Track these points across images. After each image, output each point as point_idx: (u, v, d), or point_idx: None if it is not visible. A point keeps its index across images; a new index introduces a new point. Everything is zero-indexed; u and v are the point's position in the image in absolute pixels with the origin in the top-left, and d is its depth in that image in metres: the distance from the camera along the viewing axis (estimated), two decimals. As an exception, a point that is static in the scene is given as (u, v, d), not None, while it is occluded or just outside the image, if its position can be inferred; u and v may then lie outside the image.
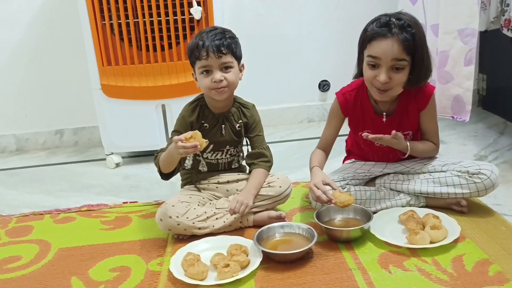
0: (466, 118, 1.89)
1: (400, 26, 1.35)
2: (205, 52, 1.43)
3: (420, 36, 1.38)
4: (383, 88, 1.41)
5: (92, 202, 1.81)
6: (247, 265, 1.29)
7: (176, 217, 1.42)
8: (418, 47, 1.36)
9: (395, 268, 1.25)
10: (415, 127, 1.55)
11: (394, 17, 1.37)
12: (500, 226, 1.42)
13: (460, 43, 1.82)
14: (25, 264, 1.41)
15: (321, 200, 1.39)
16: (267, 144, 1.61)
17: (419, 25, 1.40)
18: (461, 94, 1.87)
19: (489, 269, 1.22)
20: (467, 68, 1.84)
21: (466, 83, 1.86)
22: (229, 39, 1.47)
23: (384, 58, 1.37)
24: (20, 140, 2.55)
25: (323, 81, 2.66)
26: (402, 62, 1.37)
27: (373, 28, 1.39)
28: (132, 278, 1.29)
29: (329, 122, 1.60)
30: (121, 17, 1.97)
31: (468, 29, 1.80)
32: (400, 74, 1.39)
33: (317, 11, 2.55)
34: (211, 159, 1.58)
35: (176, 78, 2.06)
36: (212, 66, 1.45)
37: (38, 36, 2.41)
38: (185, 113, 1.54)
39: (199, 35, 1.47)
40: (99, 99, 2.10)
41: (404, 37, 1.34)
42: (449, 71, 1.88)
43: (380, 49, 1.37)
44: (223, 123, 1.55)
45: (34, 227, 1.63)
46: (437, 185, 1.51)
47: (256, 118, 1.60)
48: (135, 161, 2.27)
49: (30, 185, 2.07)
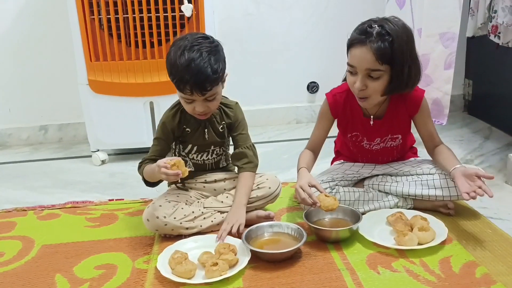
0: (443, 121, 1.91)
1: (378, 34, 1.31)
2: (188, 90, 1.34)
3: (401, 45, 1.32)
4: (360, 96, 1.41)
5: (77, 199, 1.78)
6: (235, 264, 1.28)
7: (163, 218, 1.40)
8: (396, 56, 1.32)
9: (384, 269, 1.25)
10: (405, 130, 1.56)
11: (378, 23, 1.34)
12: (486, 229, 1.44)
13: (440, 47, 1.85)
14: (7, 260, 1.38)
15: (306, 202, 1.39)
16: (251, 142, 1.58)
17: (404, 33, 1.34)
18: (440, 97, 1.90)
19: (476, 270, 1.23)
20: (446, 72, 1.87)
21: (445, 87, 1.89)
22: (215, 71, 1.34)
23: (358, 66, 1.36)
24: (3, 135, 2.50)
25: (311, 83, 2.67)
26: (376, 72, 1.34)
27: (353, 34, 1.37)
28: (118, 276, 1.27)
29: (318, 123, 1.59)
30: (111, 12, 1.95)
31: (449, 33, 1.82)
32: (377, 82, 1.36)
33: (307, 12, 2.56)
34: (197, 160, 1.56)
35: (165, 75, 2.02)
36: (195, 99, 1.38)
37: (24, 29, 2.37)
38: (166, 120, 1.48)
39: (179, 56, 1.33)
40: (86, 94, 2.07)
41: (378, 46, 1.30)
42: (429, 75, 1.90)
43: (355, 57, 1.36)
44: (206, 127, 1.50)
45: (17, 223, 1.60)
46: (425, 187, 1.52)
47: (239, 116, 1.55)
48: (122, 159, 2.24)
49: (13, 180, 2.02)
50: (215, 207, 1.51)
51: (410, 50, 1.35)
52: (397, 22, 1.36)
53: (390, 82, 1.37)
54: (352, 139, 1.58)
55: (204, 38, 1.39)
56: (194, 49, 1.34)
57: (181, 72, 1.33)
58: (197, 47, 1.35)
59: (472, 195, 1.29)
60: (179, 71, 1.34)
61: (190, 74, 1.32)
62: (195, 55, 1.33)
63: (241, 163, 1.53)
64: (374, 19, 1.38)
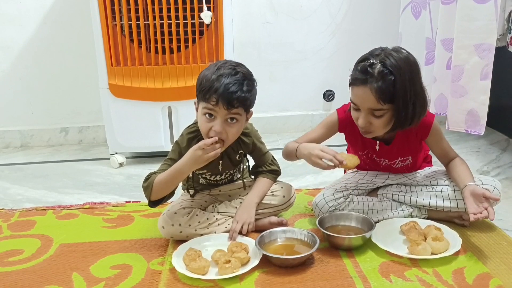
0: (480, 132, 1.88)
1: (380, 73, 1.28)
2: (215, 99, 1.30)
3: (403, 83, 1.28)
4: (363, 131, 1.40)
5: (95, 200, 1.82)
6: (247, 262, 1.31)
7: (178, 225, 1.42)
8: (399, 95, 1.28)
9: (396, 278, 1.25)
10: (415, 152, 1.55)
11: (380, 58, 1.30)
12: (501, 241, 1.43)
13: (476, 58, 1.83)
14: (26, 258, 1.41)
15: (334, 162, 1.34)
16: (271, 156, 1.58)
17: (406, 68, 1.29)
18: (476, 108, 1.87)
19: (490, 282, 1.22)
20: (482, 83, 1.84)
21: (481, 97, 1.86)
22: (246, 92, 1.33)
23: (361, 105, 1.35)
24: (25, 136, 2.56)
25: (328, 91, 2.68)
26: (379, 111, 1.32)
27: (354, 72, 1.34)
28: (133, 276, 1.30)
29: (319, 129, 1.56)
30: (132, 18, 1.99)
31: (485, 44, 1.80)
32: (381, 119, 1.34)
33: (325, 22, 2.58)
34: (210, 180, 1.56)
35: (183, 81, 2.07)
36: (218, 114, 1.33)
37: (47, 34, 2.43)
38: (182, 144, 1.44)
39: (215, 71, 1.33)
40: (106, 98, 2.11)
41: (379, 87, 1.27)
42: (463, 86, 1.88)
43: (356, 97, 1.34)
44: (221, 158, 1.47)
45: (37, 222, 1.64)
46: (439, 198, 1.51)
47: (256, 141, 1.52)
48: (139, 162, 2.28)
49: (34, 180, 2.07)
50: (229, 212, 1.52)
51: (413, 86, 1.31)
52: (399, 55, 1.31)
53: (394, 119, 1.34)
54: (363, 157, 1.58)
55: (242, 65, 1.39)
56: (231, 68, 1.34)
57: (211, 81, 1.31)
58: (234, 67, 1.35)
59: (475, 217, 1.29)
60: (210, 81, 1.31)
61: (220, 83, 1.30)
62: (231, 71, 1.33)
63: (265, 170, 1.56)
64: (376, 52, 1.33)
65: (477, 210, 1.31)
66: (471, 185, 1.39)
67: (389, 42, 2.53)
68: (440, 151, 1.53)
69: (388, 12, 2.54)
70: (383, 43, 2.56)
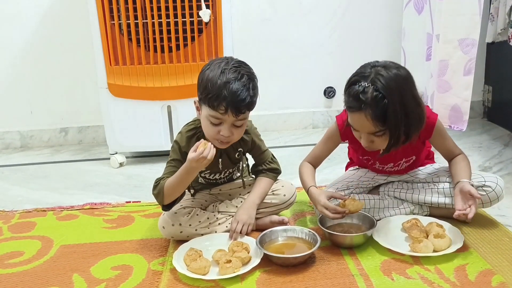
0: (463, 127, 1.89)
1: (372, 98, 1.25)
2: (223, 108, 1.29)
3: (395, 105, 1.25)
4: (368, 149, 1.40)
5: (95, 200, 1.81)
6: (248, 262, 1.30)
7: (179, 225, 1.42)
8: (391, 119, 1.26)
9: (398, 276, 1.25)
10: (418, 152, 1.54)
11: (371, 80, 1.26)
12: (503, 237, 1.42)
13: (459, 53, 1.83)
14: (27, 259, 1.41)
15: (338, 217, 1.39)
16: (271, 155, 1.58)
17: (398, 87, 1.27)
18: (459, 103, 1.88)
19: (492, 279, 1.21)
20: (466, 78, 1.85)
21: (464, 93, 1.86)
22: (252, 96, 1.33)
23: (361, 130, 1.34)
24: (25, 137, 2.56)
25: (328, 88, 2.67)
26: (379, 132, 1.31)
27: (347, 98, 1.31)
28: (133, 277, 1.29)
29: (324, 142, 1.57)
30: (130, 17, 1.98)
31: (468, 39, 1.81)
32: (382, 137, 1.33)
33: (325, 18, 2.56)
34: (209, 178, 1.55)
35: (182, 80, 2.07)
36: (225, 121, 1.33)
37: (46, 34, 2.43)
38: (181, 143, 1.43)
39: (219, 74, 1.30)
40: (105, 98, 2.11)
41: (374, 112, 1.26)
42: (448, 81, 1.88)
43: (354, 123, 1.34)
44: (221, 156, 1.47)
45: (37, 223, 1.64)
46: (441, 195, 1.50)
47: (255, 138, 1.52)
48: (139, 161, 2.27)
49: (34, 181, 2.07)
50: (230, 211, 1.52)
51: (404, 106, 1.28)
52: (389, 73, 1.27)
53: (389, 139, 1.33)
54: (364, 162, 1.57)
55: (243, 64, 1.38)
56: (235, 71, 1.32)
57: (218, 88, 1.28)
58: (237, 69, 1.33)
59: (457, 214, 1.32)
60: (217, 87, 1.29)
61: (228, 92, 1.28)
62: (237, 75, 1.31)
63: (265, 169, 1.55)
64: (366, 71, 1.29)
65: (462, 207, 1.33)
66: (462, 182, 1.39)
67: (391, 38, 2.55)
68: (444, 149, 1.53)
69: (390, 6, 2.52)
70: (385, 39, 2.58)
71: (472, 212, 1.32)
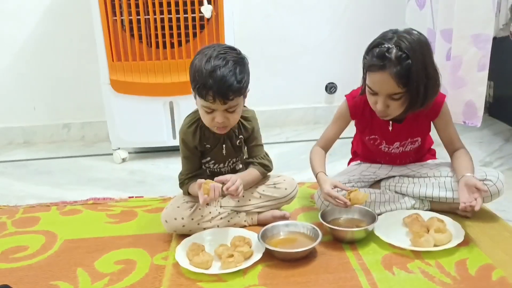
0: (477, 123, 1.88)
1: (397, 58, 1.28)
2: (211, 96, 1.31)
3: (417, 66, 1.29)
4: (381, 115, 1.41)
5: (98, 195, 1.82)
6: (250, 256, 1.31)
7: (181, 219, 1.43)
8: (413, 79, 1.29)
9: (399, 270, 1.26)
10: (424, 133, 1.55)
11: (395, 42, 1.30)
12: (504, 232, 1.43)
13: (474, 49, 1.82)
14: (31, 254, 1.42)
15: (339, 205, 1.41)
16: (264, 151, 1.58)
17: (420, 50, 1.30)
18: (473, 99, 1.86)
19: (493, 273, 1.22)
20: (480, 74, 1.83)
21: (478, 89, 1.85)
22: (239, 81, 1.32)
23: (380, 91, 1.35)
24: (28, 133, 2.57)
25: (330, 83, 2.67)
26: (397, 94, 1.33)
27: (371, 58, 1.33)
28: (137, 271, 1.31)
29: (334, 122, 1.59)
30: (132, 13, 1.99)
31: (482, 35, 1.79)
32: (398, 101, 1.35)
33: (326, 14, 2.56)
34: (213, 168, 1.56)
35: (184, 76, 2.07)
36: (216, 108, 1.35)
37: (48, 30, 2.43)
38: (186, 138, 1.46)
39: (205, 63, 1.31)
40: (107, 94, 2.11)
41: (398, 71, 1.28)
42: (462, 77, 1.87)
43: (375, 83, 1.35)
44: (224, 142, 1.49)
45: (41, 218, 1.65)
46: (442, 189, 1.51)
47: (255, 127, 1.53)
48: (141, 157, 2.28)
49: (37, 177, 2.08)
50: (232, 206, 1.53)
51: (425, 69, 1.32)
52: (412, 37, 1.31)
53: (407, 102, 1.35)
54: (370, 142, 1.58)
55: (231, 49, 1.37)
56: (221, 57, 1.32)
57: (205, 78, 1.30)
58: (223, 55, 1.33)
59: (463, 206, 1.33)
60: (203, 77, 1.31)
61: (214, 80, 1.29)
62: (221, 62, 1.31)
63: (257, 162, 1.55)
64: (388, 35, 1.33)
65: (467, 200, 1.33)
66: (467, 176, 1.40)
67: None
68: (447, 136, 1.53)
69: (391, 2, 2.52)
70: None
71: (478, 205, 1.32)
